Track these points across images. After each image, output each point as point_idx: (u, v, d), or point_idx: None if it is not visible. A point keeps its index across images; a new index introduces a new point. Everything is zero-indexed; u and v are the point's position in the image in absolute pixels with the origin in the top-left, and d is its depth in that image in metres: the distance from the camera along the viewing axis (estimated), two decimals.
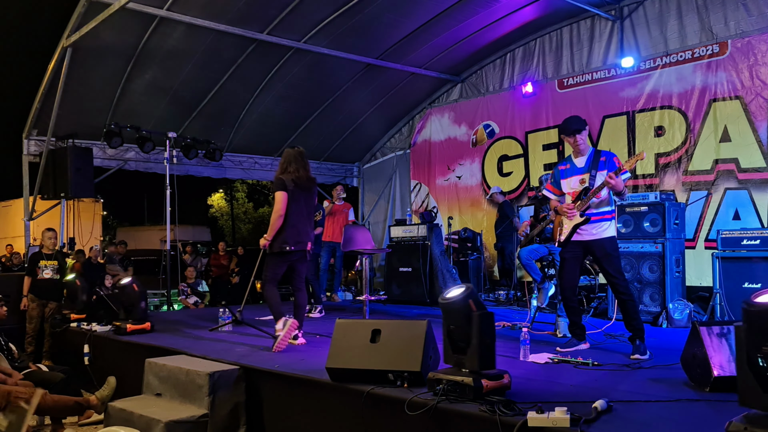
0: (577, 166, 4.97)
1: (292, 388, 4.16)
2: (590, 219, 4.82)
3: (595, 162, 4.83)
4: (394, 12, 8.73)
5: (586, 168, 4.88)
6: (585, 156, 4.93)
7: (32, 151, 9.38)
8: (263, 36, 8.71)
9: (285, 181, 5.41)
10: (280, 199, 5.37)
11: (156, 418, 4.14)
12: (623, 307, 4.81)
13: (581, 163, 4.94)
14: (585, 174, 4.87)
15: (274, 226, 5.37)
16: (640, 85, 8.62)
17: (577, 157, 4.98)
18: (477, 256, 9.75)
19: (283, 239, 5.40)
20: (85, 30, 7.51)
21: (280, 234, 5.39)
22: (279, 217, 5.36)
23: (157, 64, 8.83)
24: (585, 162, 4.91)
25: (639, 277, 6.71)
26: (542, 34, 9.86)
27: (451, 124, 11.31)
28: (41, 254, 7.66)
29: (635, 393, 3.52)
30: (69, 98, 8.60)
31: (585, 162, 4.91)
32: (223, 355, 4.89)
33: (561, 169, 5.11)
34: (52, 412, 4.92)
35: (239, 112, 10.43)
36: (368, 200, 13.08)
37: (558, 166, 5.19)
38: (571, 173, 5.00)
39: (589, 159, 4.89)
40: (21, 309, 7.52)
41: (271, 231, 5.37)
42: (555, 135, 9.60)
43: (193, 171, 10.96)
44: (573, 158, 5.01)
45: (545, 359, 4.52)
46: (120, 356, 5.96)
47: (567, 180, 5.04)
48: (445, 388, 3.29)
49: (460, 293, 3.42)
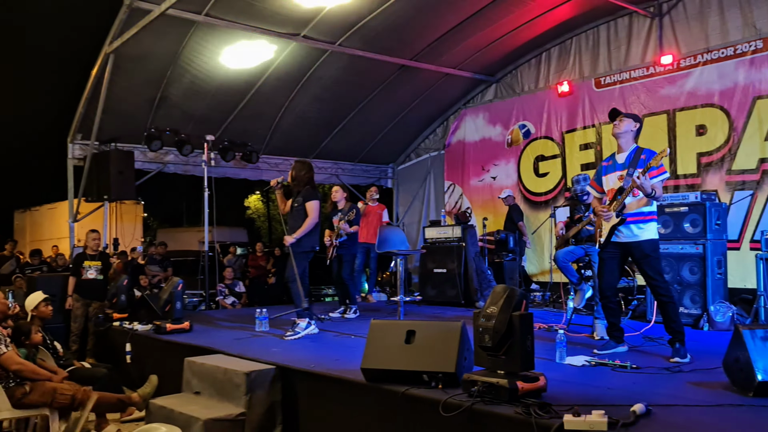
0: (618, 163, 4.81)
1: (328, 388, 4.20)
2: (626, 220, 4.68)
3: (635, 159, 4.66)
4: (429, 13, 8.73)
5: (626, 164, 4.72)
6: (626, 152, 4.77)
7: (77, 155, 9.67)
8: (299, 39, 8.81)
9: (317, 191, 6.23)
10: (317, 207, 6.09)
11: (195, 416, 4.23)
12: (663, 309, 4.69)
13: (622, 159, 4.79)
14: (623, 171, 4.72)
15: (307, 229, 6.01)
16: (680, 83, 8.44)
17: (620, 152, 4.82)
18: (512, 257, 9.67)
19: (313, 240, 6.18)
20: (126, 36, 7.71)
21: (310, 236, 6.08)
22: (315, 223, 6.07)
23: (195, 68, 9.00)
24: (625, 159, 4.75)
25: (679, 279, 6.57)
26: (578, 33, 9.73)
27: (486, 124, 11.24)
28: (85, 255, 7.87)
29: (675, 397, 3.46)
30: (111, 103, 8.83)
31: (625, 159, 4.75)
32: (260, 354, 4.96)
33: (604, 165, 4.98)
34: (96, 408, 5.06)
35: (275, 114, 10.56)
36: (403, 201, 13.10)
37: (603, 162, 5.06)
38: (612, 170, 4.85)
39: (629, 156, 4.73)
40: (66, 308, 7.74)
41: (303, 233, 6.00)
42: (592, 134, 9.47)
43: (230, 173, 11.15)
44: (616, 154, 4.86)
45: (582, 362, 4.46)
46: (160, 355, 6.09)
47: (607, 177, 4.90)
48: (480, 389, 3.28)
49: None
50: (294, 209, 6.16)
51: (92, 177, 9.38)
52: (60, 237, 15.92)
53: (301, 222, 6.04)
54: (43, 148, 22.30)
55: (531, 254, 10.14)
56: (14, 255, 12.31)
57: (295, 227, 6.05)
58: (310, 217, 6.02)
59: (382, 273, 12.53)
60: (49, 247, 15.72)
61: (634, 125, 4.79)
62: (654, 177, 4.52)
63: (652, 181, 4.50)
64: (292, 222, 6.14)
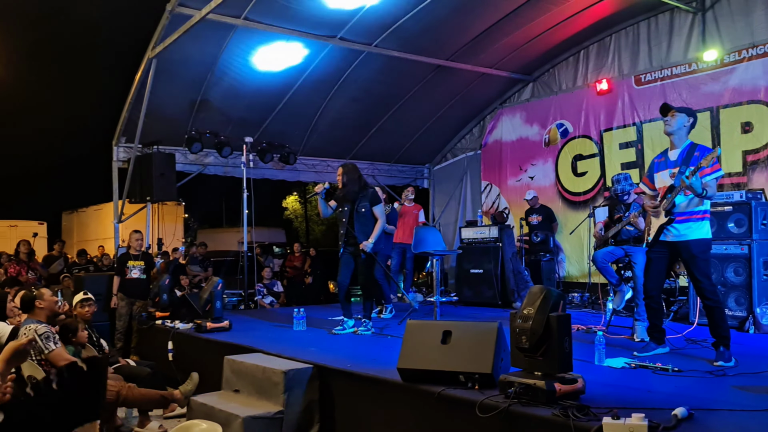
0: (671, 159, 4.68)
1: (364, 388, 4.23)
2: (675, 219, 4.56)
3: (688, 156, 4.52)
4: (465, 12, 8.70)
5: (678, 162, 4.60)
6: (679, 149, 4.64)
7: (121, 158, 9.94)
8: (335, 40, 8.88)
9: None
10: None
11: (234, 413, 4.31)
12: (709, 312, 4.55)
13: (674, 156, 4.66)
14: (676, 168, 4.59)
15: (379, 232, 6.15)
16: (723, 80, 8.21)
17: (672, 149, 4.69)
18: (550, 258, 9.57)
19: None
20: (168, 42, 7.90)
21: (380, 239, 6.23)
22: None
23: (234, 71, 9.16)
24: (678, 155, 4.62)
25: (723, 281, 6.40)
26: (618, 30, 9.57)
27: (523, 123, 11.13)
28: (129, 255, 8.07)
29: (718, 401, 3.37)
30: (153, 107, 9.04)
31: (678, 155, 4.62)
32: (298, 353, 5.01)
33: (656, 162, 4.85)
34: (140, 404, 5.20)
35: (312, 115, 10.67)
36: (439, 202, 13.07)
37: (655, 159, 4.92)
38: (664, 167, 4.72)
39: (683, 152, 4.59)
40: (111, 307, 7.96)
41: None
42: (633, 133, 9.30)
43: (268, 174, 11.31)
44: (669, 150, 4.73)
45: (622, 364, 4.39)
46: (200, 353, 6.22)
47: (659, 174, 4.77)
48: (517, 391, 3.26)
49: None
50: (360, 213, 6.14)
51: (135, 179, 9.62)
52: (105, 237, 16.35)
53: (370, 225, 6.12)
54: (90, 152, 22.95)
55: (570, 255, 10.02)
56: (62, 255, 12.70)
57: (364, 231, 6.08)
58: (381, 221, 6.17)
59: (419, 273, 12.53)
60: (95, 247, 16.16)
61: (688, 120, 4.64)
62: (707, 175, 4.40)
63: (705, 179, 4.38)
64: (358, 226, 6.10)
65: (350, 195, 6.20)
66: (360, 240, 6.04)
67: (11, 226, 18.24)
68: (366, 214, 6.14)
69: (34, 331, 4.62)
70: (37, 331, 4.63)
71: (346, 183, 6.25)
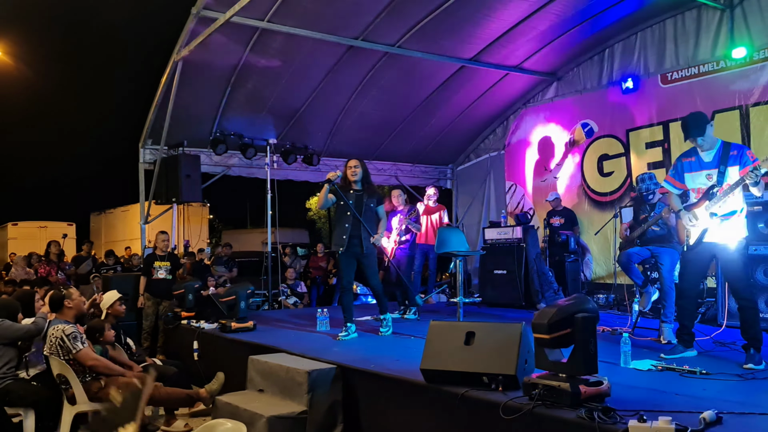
0: (704, 161, 4.58)
1: (387, 388, 4.24)
2: (718, 220, 4.48)
3: (724, 157, 4.44)
4: (487, 12, 8.65)
5: (714, 163, 4.50)
6: (713, 150, 4.54)
7: (147, 159, 10.08)
8: (358, 42, 8.90)
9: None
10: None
11: (259, 412, 4.34)
12: (743, 314, 4.46)
13: (708, 157, 4.56)
14: (713, 170, 4.50)
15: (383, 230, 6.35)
16: (753, 77, 8.05)
17: (703, 150, 4.60)
18: (574, 259, 9.47)
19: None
20: (193, 44, 7.99)
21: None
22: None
23: (258, 72, 9.23)
24: (714, 156, 4.52)
25: (753, 282, 6.26)
26: (643, 28, 9.43)
27: (547, 123, 11.04)
28: (155, 255, 8.18)
29: (748, 404, 3.31)
30: (179, 109, 9.13)
31: (714, 156, 4.52)
32: (321, 353, 5.04)
33: (685, 162, 4.74)
34: (166, 403, 5.27)
35: (335, 117, 10.71)
36: (462, 202, 13.02)
37: (681, 158, 4.81)
38: (698, 167, 4.62)
39: (718, 153, 4.50)
40: (138, 307, 8.08)
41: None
42: (659, 132, 9.16)
43: (292, 175, 11.37)
44: (699, 151, 4.63)
45: (648, 366, 4.33)
46: (225, 352, 6.28)
47: (692, 175, 4.67)
48: (542, 392, 3.24)
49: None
50: (369, 209, 6.12)
51: (161, 180, 9.73)
52: (132, 238, 16.64)
53: (375, 222, 6.18)
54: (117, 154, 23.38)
55: (598, 256, 9.91)
56: (91, 255, 12.93)
57: (371, 227, 6.10)
58: (384, 220, 6.33)
59: (442, 274, 12.50)
60: (122, 248, 16.43)
61: (711, 126, 4.56)
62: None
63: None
64: (366, 221, 6.08)
65: (367, 189, 6.19)
66: (372, 234, 6.05)
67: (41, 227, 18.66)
68: (373, 211, 6.15)
69: (62, 331, 4.72)
70: (64, 332, 4.72)
71: (363, 178, 6.22)
